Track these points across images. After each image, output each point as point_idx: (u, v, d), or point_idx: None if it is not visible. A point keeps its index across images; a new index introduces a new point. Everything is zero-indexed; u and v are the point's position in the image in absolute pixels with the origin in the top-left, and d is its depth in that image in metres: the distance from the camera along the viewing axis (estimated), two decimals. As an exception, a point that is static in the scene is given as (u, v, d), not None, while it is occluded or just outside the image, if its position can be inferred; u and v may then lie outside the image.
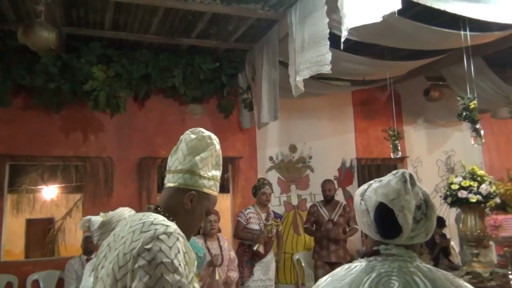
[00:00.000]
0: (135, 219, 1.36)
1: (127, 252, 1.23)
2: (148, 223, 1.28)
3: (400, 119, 7.36)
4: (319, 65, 3.68)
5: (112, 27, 5.09)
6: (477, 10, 3.59)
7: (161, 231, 1.24)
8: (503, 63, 6.33)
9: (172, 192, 1.46)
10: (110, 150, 5.90)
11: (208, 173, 1.49)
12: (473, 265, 4.17)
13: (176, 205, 1.44)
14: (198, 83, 5.93)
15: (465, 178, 4.08)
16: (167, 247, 1.21)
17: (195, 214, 1.47)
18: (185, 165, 1.46)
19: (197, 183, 1.46)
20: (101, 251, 1.41)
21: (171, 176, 1.47)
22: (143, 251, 1.20)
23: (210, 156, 1.50)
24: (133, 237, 1.26)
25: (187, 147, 1.49)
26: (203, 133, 1.52)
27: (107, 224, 2.25)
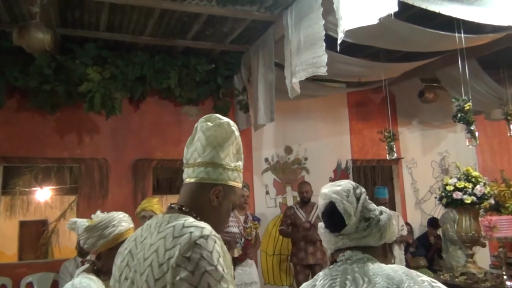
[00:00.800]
0: (161, 222, 1.25)
1: (162, 262, 1.12)
2: (179, 227, 1.18)
3: (395, 120, 7.39)
4: (315, 67, 3.69)
5: (107, 28, 5.08)
6: (471, 12, 3.61)
7: (197, 235, 1.13)
8: (497, 65, 6.38)
9: (194, 188, 1.33)
10: (105, 151, 5.88)
11: (231, 163, 1.36)
12: (468, 266, 4.19)
13: (201, 203, 1.32)
14: (194, 84, 5.93)
15: (460, 179, 4.11)
16: (208, 253, 1.11)
17: (222, 210, 1.36)
18: (205, 157, 1.32)
19: (222, 176, 1.33)
20: (121, 259, 1.30)
21: (191, 170, 1.34)
22: (182, 260, 1.09)
23: (231, 145, 1.36)
24: (166, 244, 1.15)
25: (205, 137, 1.34)
26: (220, 119, 1.37)
27: (93, 229, 2.17)
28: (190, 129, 5.19)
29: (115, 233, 2.16)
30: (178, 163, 6.33)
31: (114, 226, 2.17)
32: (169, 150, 6.16)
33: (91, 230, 2.16)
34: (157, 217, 1.30)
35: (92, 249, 2.17)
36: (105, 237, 2.14)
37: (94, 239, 2.14)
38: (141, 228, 1.34)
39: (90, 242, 2.15)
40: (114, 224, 2.18)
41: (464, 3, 3.56)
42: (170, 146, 6.18)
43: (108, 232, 2.15)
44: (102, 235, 2.14)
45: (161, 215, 1.30)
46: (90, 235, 2.15)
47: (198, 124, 1.39)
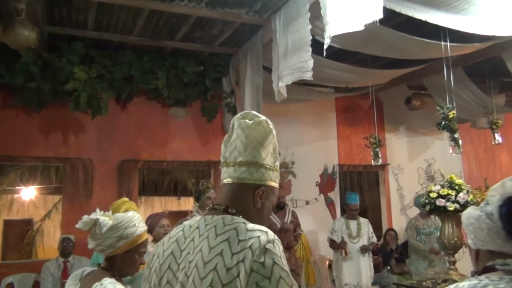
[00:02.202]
0: (213, 223, 1.19)
1: (230, 266, 1.07)
2: (243, 230, 1.14)
3: (382, 126, 7.44)
4: (301, 71, 3.70)
5: (95, 27, 5.04)
6: (457, 21, 3.65)
7: (265, 240, 1.10)
8: (483, 74, 6.45)
9: (237, 188, 1.27)
10: (90, 151, 5.82)
11: (270, 163, 1.31)
12: (450, 273, 4.23)
13: (245, 204, 1.27)
14: (182, 86, 5.91)
15: (444, 186, 4.15)
16: (279, 259, 1.09)
17: (265, 212, 1.31)
18: (247, 157, 1.27)
19: (264, 177, 1.28)
20: (161, 262, 1.23)
21: (232, 170, 1.28)
22: (258, 266, 1.06)
23: (270, 144, 1.32)
24: (233, 248, 1.10)
25: (245, 135, 1.28)
26: (259, 117, 1.32)
27: (115, 229, 1.98)
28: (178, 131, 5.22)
29: (136, 234, 2.01)
30: (164, 164, 6.32)
31: (135, 226, 2.03)
32: (155, 151, 6.13)
33: (112, 229, 1.98)
34: (203, 219, 1.24)
35: (108, 250, 1.97)
36: (126, 238, 1.98)
37: (113, 240, 1.96)
38: (181, 229, 1.28)
39: (108, 243, 1.95)
40: (135, 224, 2.04)
41: (450, 12, 3.60)
42: (157, 147, 6.15)
43: (130, 232, 1.99)
44: (123, 236, 1.97)
45: (209, 217, 1.23)
46: (109, 235, 1.96)
47: (234, 122, 1.33)
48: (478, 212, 1.28)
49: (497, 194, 1.24)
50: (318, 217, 6.77)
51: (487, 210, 1.25)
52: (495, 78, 6.71)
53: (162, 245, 1.29)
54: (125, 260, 1.99)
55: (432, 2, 3.51)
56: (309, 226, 6.45)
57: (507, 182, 1.25)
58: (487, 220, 1.24)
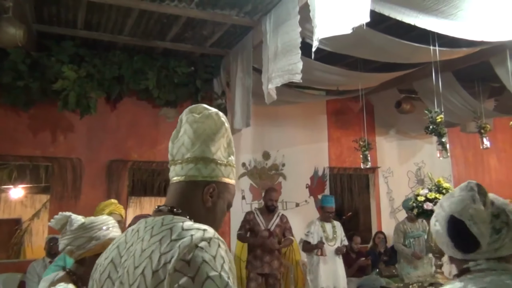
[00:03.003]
0: (152, 225, 1.10)
1: (157, 268, 0.97)
2: (178, 229, 1.04)
3: (373, 129, 7.47)
4: (290, 73, 3.70)
5: (85, 26, 5.01)
6: (446, 26, 3.68)
7: (198, 237, 1.00)
8: (472, 78, 6.49)
9: (185, 187, 1.18)
10: (79, 151, 5.79)
11: (223, 158, 1.22)
12: (437, 277, 4.24)
13: (194, 203, 1.17)
14: (172, 86, 5.89)
15: (431, 190, 4.16)
16: (211, 257, 0.97)
17: (217, 211, 1.21)
18: (195, 152, 1.18)
19: (215, 173, 1.19)
20: (101, 271, 1.14)
21: (180, 168, 1.19)
22: (182, 265, 0.95)
23: (222, 137, 1.23)
24: (162, 248, 1.00)
25: (193, 129, 1.20)
26: (208, 110, 1.24)
27: (87, 228, 1.90)
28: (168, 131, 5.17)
29: (109, 237, 1.91)
30: (154, 165, 6.29)
31: (109, 230, 1.94)
32: (145, 151, 6.10)
33: (85, 228, 1.89)
34: (145, 221, 1.14)
35: (76, 252, 1.89)
36: (97, 239, 1.89)
37: (83, 240, 1.88)
38: (124, 234, 1.19)
39: (78, 243, 1.87)
40: (109, 227, 1.95)
41: (439, 17, 3.62)
42: (147, 147, 6.12)
43: (102, 234, 1.90)
44: (95, 237, 1.89)
45: (151, 219, 1.14)
46: (80, 234, 1.87)
47: (183, 116, 1.25)
48: (433, 220, 1.38)
49: (441, 211, 1.34)
50: (308, 219, 6.71)
51: (438, 226, 1.36)
52: (484, 83, 6.76)
53: (105, 253, 1.19)
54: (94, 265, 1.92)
55: (421, 6, 3.53)
56: (299, 228, 6.43)
57: (444, 202, 1.35)
58: (442, 235, 1.34)
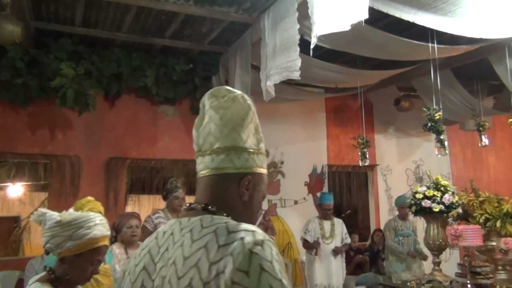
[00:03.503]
0: (190, 227, 0.99)
1: (208, 280, 0.87)
2: (223, 232, 0.94)
3: (372, 127, 7.46)
4: (289, 71, 3.70)
5: (83, 23, 5.00)
6: (444, 23, 3.67)
7: (250, 241, 0.89)
8: (471, 76, 6.49)
9: (217, 181, 1.07)
10: (78, 148, 5.78)
11: (254, 146, 1.10)
12: (434, 274, 4.24)
13: (229, 198, 1.07)
14: (171, 84, 5.88)
15: (429, 187, 4.16)
16: (269, 264, 0.88)
17: (254, 204, 1.11)
18: (225, 141, 1.07)
19: (248, 163, 1.08)
20: (133, 279, 1.03)
21: (209, 159, 1.08)
22: (241, 277, 0.85)
23: (250, 123, 1.11)
24: (210, 256, 0.90)
25: (219, 116, 1.08)
26: (232, 92, 1.12)
27: (65, 226, 1.81)
28: (166, 129, 5.17)
29: (89, 237, 1.82)
30: (152, 162, 6.29)
31: (90, 229, 1.84)
32: (144, 149, 6.10)
33: (62, 226, 1.80)
34: (180, 222, 1.04)
35: (56, 250, 1.81)
36: (76, 239, 1.80)
37: (61, 239, 1.79)
38: (154, 237, 1.08)
39: (56, 241, 1.79)
40: (90, 226, 1.85)
41: (437, 14, 3.61)
42: (145, 145, 6.12)
43: (81, 233, 1.81)
44: (73, 236, 1.80)
45: (186, 219, 1.03)
46: (58, 232, 1.79)
47: (205, 101, 1.13)
48: None
49: None
50: (306, 217, 6.73)
51: None
52: (483, 81, 6.75)
53: (134, 259, 1.08)
54: (74, 265, 1.80)
55: (420, 3, 3.52)
56: (298, 226, 6.45)
57: None
58: None
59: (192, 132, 1.17)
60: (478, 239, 3.74)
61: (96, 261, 1.85)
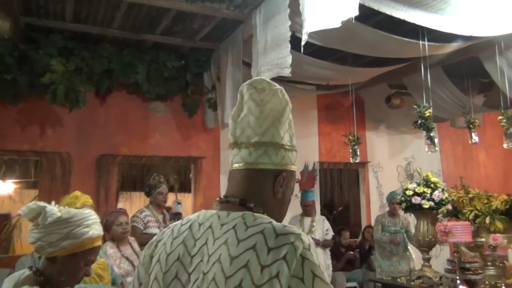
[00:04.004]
0: (232, 224, 0.98)
1: (261, 283, 0.87)
2: (271, 233, 0.92)
3: (363, 124, 7.48)
4: (279, 67, 3.70)
5: (73, 19, 4.96)
6: (435, 21, 3.69)
7: (300, 247, 0.90)
8: (461, 74, 6.52)
9: (254, 176, 1.05)
10: (68, 145, 5.74)
11: (288, 143, 1.09)
12: (424, 270, 4.29)
13: (264, 194, 1.05)
14: (162, 80, 5.85)
15: (419, 184, 4.19)
16: (318, 269, 0.89)
17: (286, 202, 1.10)
18: (264, 136, 1.05)
19: (284, 160, 1.07)
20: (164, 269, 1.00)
21: (247, 153, 1.05)
22: (296, 284, 0.86)
23: (287, 119, 1.10)
24: (262, 259, 0.89)
25: (259, 109, 1.06)
26: (273, 86, 1.10)
27: (63, 223, 1.67)
28: (158, 126, 5.14)
29: (87, 236, 1.71)
30: (144, 159, 6.26)
31: (88, 227, 1.73)
32: (135, 146, 6.07)
33: (59, 223, 1.66)
34: (218, 215, 1.02)
35: (47, 249, 1.66)
36: (73, 238, 1.68)
37: (57, 236, 1.66)
38: (188, 228, 1.04)
39: (50, 239, 1.65)
40: (88, 225, 1.74)
41: (428, 11, 3.62)
42: (136, 142, 6.09)
43: (79, 232, 1.69)
44: (71, 234, 1.67)
45: (224, 213, 1.02)
46: (54, 229, 1.65)
47: (243, 91, 1.10)
48: None
49: None
50: (297, 214, 6.78)
51: None
52: (473, 78, 6.79)
53: (164, 246, 1.04)
54: (67, 265, 1.68)
55: (410, 1, 3.53)
56: (287, 223, 6.46)
57: None
58: None
59: (182, 128, 1.15)
60: (467, 235, 3.78)
61: (89, 261, 1.76)
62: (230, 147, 1.10)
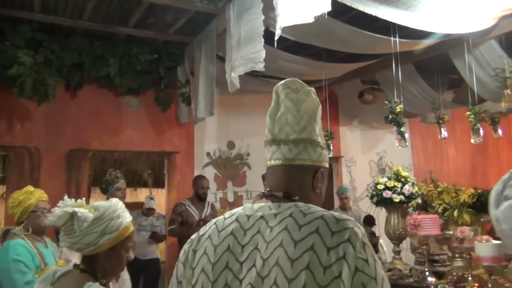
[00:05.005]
0: (287, 213, 1.00)
1: (329, 264, 0.90)
2: (331, 219, 0.96)
3: (337, 119, 7.55)
4: (253, 62, 3.69)
5: (42, 10, 4.82)
6: (406, 17, 3.75)
7: (358, 232, 0.94)
8: (432, 70, 6.66)
9: (294, 171, 1.09)
10: (37, 140, 5.59)
11: (321, 140, 1.15)
12: (395, 263, 4.37)
13: (305, 189, 1.09)
14: (135, 74, 5.75)
15: (390, 178, 4.26)
16: (375, 254, 0.95)
17: (322, 197, 1.16)
18: (303, 133, 1.10)
19: (321, 157, 1.12)
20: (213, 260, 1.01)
21: (287, 149, 1.10)
22: (362, 264, 0.90)
23: (319, 118, 1.17)
24: (327, 242, 0.92)
25: (296, 108, 1.12)
26: (306, 86, 1.16)
27: (96, 221, 1.64)
28: (130, 120, 5.06)
29: (123, 226, 1.71)
30: (116, 154, 6.16)
31: (120, 217, 1.71)
32: (106, 140, 5.96)
33: (94, 223, 1.63)
34: (266, 206, 1.05)
35: (88, 249, 1.63)
36: (110, 232, 1.66)
37: (95, 236, 1.63)
38: (234, 219, 1.06)
39: (88, 240, 1.62)
40: (120, 215, 1.71)
41: (399, 8, 3.68)
42: (108, 136, 5.98)
43: (115, 224, 1.68)
44: (107, 230, 1.65)
45: (276, 205, 1.04)
46: (89, 230, 1.62)
47: (279, 91, 1.16)
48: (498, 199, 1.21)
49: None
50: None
51: None
52: (443, 75, 6.94)
53: (209, 239, 1.06)
54: (110, 259, 1.68)
55: (382, -3, 3.58)
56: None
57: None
58: None
59: (155, 122, 1.15)
60: (436, 228, 3.86)
61: (129, 248, 1.77)
62: (268, 144, 1.15)
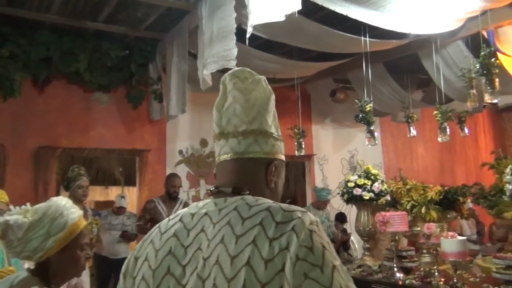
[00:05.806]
0: (232, 207, 0.93)
1: (271, 257, 0.82)
2: (277, 210, 0.89)
3: (309, 118, 7.62)
4: (225, 59, 3.68)
5: (7, 3, 4.67)
6: (376, 18, 3.81)
7: (307, 220, 0.87)
8: (401, 70, 6.79)
9: (245, 165, 1.01)
10: (2, 137, 5.41)
11: (276, 132, 1.08)
12: (364, 259, 4.44)
13: (258, 184, 1.02)
14: (105, 70, 5.65)
15: (360, 176, 4.33)
16: (327, 243, 0.86)
17: (278, 192, 1.07)
18: (252, 124, 1.02)
19: (275, 149, 1.05)
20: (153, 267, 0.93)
21: (235, 142, 1.02)
22: (305, 252, 0.82)
23: (272, 108, 1.09)
24: (270, 233, 0.85)
25: (245, 97, 1.04)
26: (255, 75, 1.09)
27: (36, 225, 1.52)
28: (100, 117, 4.98)
29: (70, 223, 1.56)
30: (86, 152, 6.04)
31: (64, 215, 1.56)
32: (76, 138, 5.84)
33: (33, 227, 1.50)
34: (212, 203, 0.98)
35: (37, 255, 1.52)
36: (57, 232, 1.53)
37: (39, 240, 1.51)
38: (178, 220, 0.99)
39: (33, 246, 1.50)
40: (63, 213, 1.57)
41: (369, 8, 3.74)
42: (78, 133, 5.86)
43: (60, 223, 1.54)
44: (52, 231, 1.52)
45: (221, 200, 0.97)
46: (31, 236, 1.50)
47: (226, 81, 1.08)
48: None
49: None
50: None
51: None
52: (412, 75, 7.08)
53: (151, 243, 0.98)
54: (63, 262, 1.55)
55: (353, -3, 3.62)
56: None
57: None
58: None
59: (126, 120, 1.10)
60: (404, 225, 3.94)
61: (84, 245, 1.62)
62: (216, 138, 1.07)
